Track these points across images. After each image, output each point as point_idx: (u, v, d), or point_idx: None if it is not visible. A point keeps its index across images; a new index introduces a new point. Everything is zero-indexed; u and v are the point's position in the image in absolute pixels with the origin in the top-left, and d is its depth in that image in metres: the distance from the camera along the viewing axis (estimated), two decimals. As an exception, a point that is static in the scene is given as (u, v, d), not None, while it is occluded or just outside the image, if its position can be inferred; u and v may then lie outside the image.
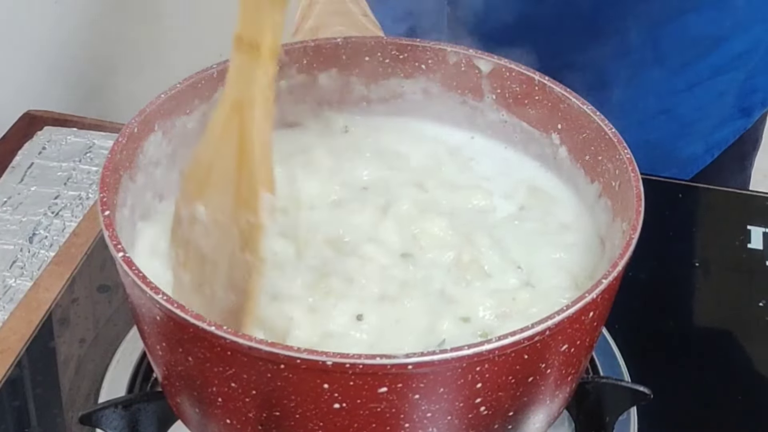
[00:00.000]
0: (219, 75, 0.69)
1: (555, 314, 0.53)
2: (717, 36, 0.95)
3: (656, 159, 0.94)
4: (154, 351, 0.59)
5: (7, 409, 0.72)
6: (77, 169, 0.95)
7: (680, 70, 0.96)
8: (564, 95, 0.70)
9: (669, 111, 0.97)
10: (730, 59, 0.97)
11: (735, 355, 0.79)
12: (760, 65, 0.99)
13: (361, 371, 0.50)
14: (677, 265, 0.86)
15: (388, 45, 0.74)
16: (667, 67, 0.95)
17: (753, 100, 1.01)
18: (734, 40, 0.96)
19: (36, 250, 0.86)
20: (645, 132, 0.93)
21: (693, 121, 0.99)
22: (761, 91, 1.01)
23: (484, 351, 0.51)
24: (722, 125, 1.01)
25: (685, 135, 0.98)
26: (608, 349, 0.75)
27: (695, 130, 0.99)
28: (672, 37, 0.93)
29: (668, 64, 0.95)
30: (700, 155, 1.01)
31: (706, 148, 1.01)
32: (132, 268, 0.55)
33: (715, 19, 0.93)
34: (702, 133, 1.00)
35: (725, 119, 1.01)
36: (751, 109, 1.02)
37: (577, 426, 0.69)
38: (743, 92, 1.00)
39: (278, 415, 0.54)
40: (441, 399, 0.53)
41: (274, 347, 0.50)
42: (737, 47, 0.97)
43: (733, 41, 0.96)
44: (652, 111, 0.91)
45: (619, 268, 0.57)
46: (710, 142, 1.01)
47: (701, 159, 1.01)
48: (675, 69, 0.96)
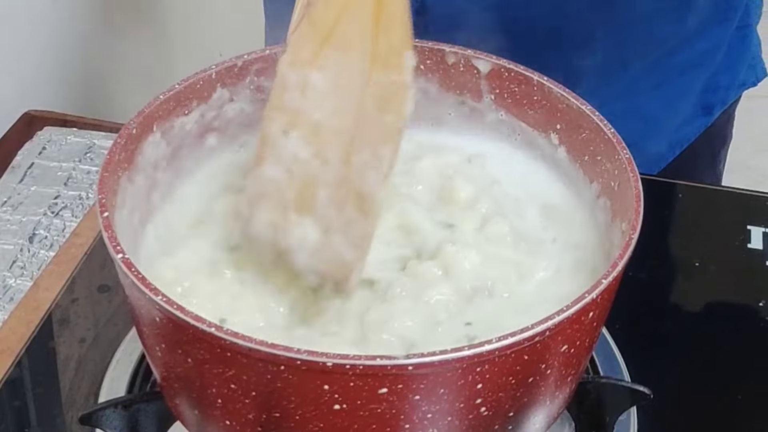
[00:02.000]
0: (218, 75, 0.69)
1: (555, 314, 0.53)
2: (681, 37, 0.96)
3: None
4: (153, 352, 0.59)
5: (7, 409, 0.72)
6: (77, 169, 0.95)
7: (646, 70, 0.97)
8: (563, 95, 0.70)
9: (635, 111, 0.98)
10: (694, 59, 0.98)
11: (735, 355, 0.79)
12: (722, 64, 1.01)
13: (361, 372, 0.50)
14: (677, 265, 0.86)
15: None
16: (632, 68, 0.96)
17: (714, 98, 1.03)
18: (697, 40, 0.97)
19: (36, 250, 0.86)
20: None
21: (658, 119, 1.00)
22: (722, 89, 1.03)
23: (484, 352, 0.51)
24: (685, 123, 1.03)
25: (650, 134, 0.99)
26: (608, 349, 0.75)
27: (660, 128, 1.01)
28: (637, 39, 0.94)
29: (634, 65, 0.96)
30: (664, 153, 1.03)
31: (670, 146, 1.03)
32: (131, 269, 0.55)
33: (679, 20, 0.94)
34: (666, 131, 1.02)
35: (688, 118, 1.03)
36: (712, 106, 1.03)
37: (577, 426, 0.69)
38: (706, 90, 1.02)
39: (278, 416, 0.54)
40: (441, 400, 0.53)
41: (274, 348, 0.50)
42: (700, 47, 0.98)
43: (696, 41, 0.97)
44: (619, 111, 0.92)
45: (619, 268, 0.57)
46: (673, 140, 1.03)
47: (664, 156, 1.03)
48: (641, 70, 0.97)
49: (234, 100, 0.71)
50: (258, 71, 0.71)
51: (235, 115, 0.72)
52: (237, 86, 0.71)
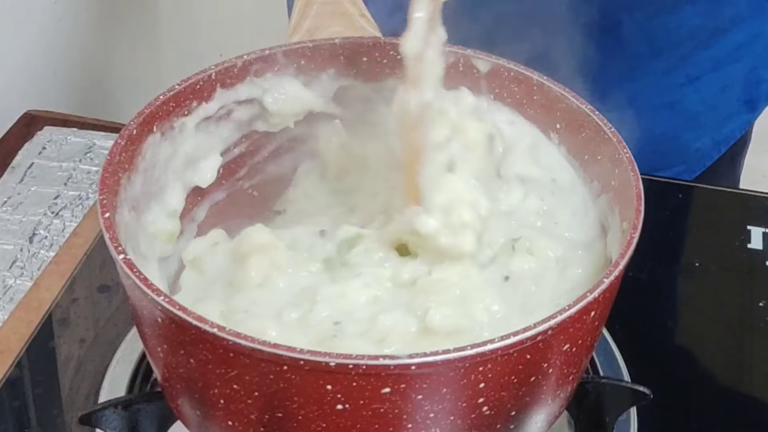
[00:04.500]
0: (218, 75, 0.69)
1: (557, 314, 0.53)
2: (715, 28, 0.94)
3: (665, 153, 0.94)
4: (154, 353, 0.59)
5: (7, 409, 0.72)
6: (77, 169, 0.95)
7: (679, 63, 0.95)
8: (562, 95, 0.69)
9: (672, 105, 0.96)
10: (731, 51, 0.96)
11: (735, 355, 0.79)
12: (763, 57, 0.99)
13: (364, 372, 0.50)
14: (677, 265, 0.86)
15: (386, 45, 0.73)
16: (664, 60, 0.95)
17: (758, 92, 1.01)
18: (734, 31, 0.95)
19: (36, 250, 0.86)
20: (649, 126, 0.92)
21: (697, 114, 0.98)
22: (765, 83, 1.00)
23: (486, 351, 0.51)
24: (728, 119, 1.01)
25: (690, 128, 0.97)
26: (608, 349, 0.75)
27: (701, 123, 0.99)
28: (667, 29, 0.93)
29: (665, 57, 0.95)
30: (708, 150, 1.01)
31: (714, 143, 1.01)
32: (133, 270, 0.54)
33: (712, 11, 0.93)
34: (708, 126, 0.99)
35: (731, 113, 1.00)
36: (756, 101, 1.01)
37: (577, 426, 0.69)
38: (747, 85, 0.99)
39: (281, 416, 0.54)
40: (444, 399, 0.53)
41: (277, 348, 0.50)
42: (737, 39, 0.96)
43: (732, 33, 0.95)
44: (653, 105, 0.91)
45: (620, 267, 0.57)
46: (717, 137, 1.01)
47: (709, 154, 1.01)
48: (673, 62, 0.95)
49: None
50: (258, 71, 0.71)
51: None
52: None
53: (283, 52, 0.72)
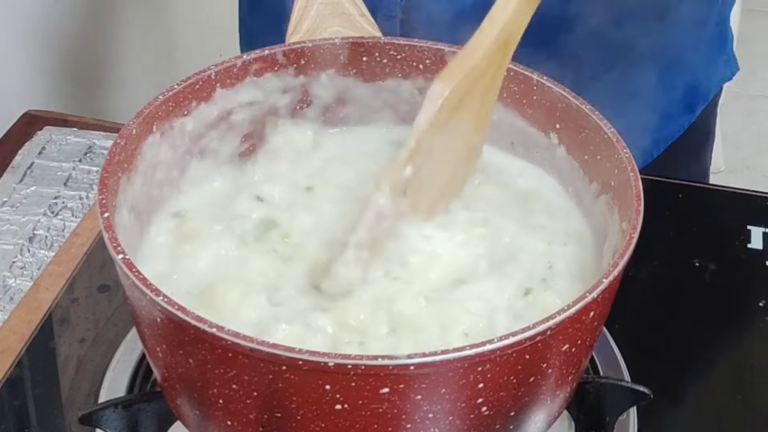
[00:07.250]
0: (217, 75, 0.69)
1: (556, 314, 0.53)
2: (662, 45, 0.96)
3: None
4: (153, 353, 0.59)
5: (7, 409, 0.72)
6: (77, 169, 0.95)
7: (626, 75, 0.96)
8: (562, 95, 0.69)
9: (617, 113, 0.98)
10: (676, 62, 0.98)
11: (735, 355, 0.79)
12: (701, 61, 1.01)
13: (362, 372, 0.50)
14: (677, 265, 0.86)
15: (385, 45, 0.74)
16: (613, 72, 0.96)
17: (696, 95, 1.03)
18: (679, 46, 0.97)
19: (36, 250, 0.86)
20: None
21: (640, 120, 1.00)
22: (703, 86, 1.03)
23: (486, 351, 0.51)
24: (669, 121, 1.02)
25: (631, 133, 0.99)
26: (608, 349, 0.75)
27: (643, 128, 1.00)
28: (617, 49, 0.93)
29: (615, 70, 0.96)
30: (648, 149, 1.03)
31: (654, 142, 1.03)
32: (132, 270, 0.55)
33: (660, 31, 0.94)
34: (649, 130, 1.01)
35: (672, 116, 1.02)
36: (695, 104, 1.03)
37: (577, 426, 0.69)
38: (687, 88, 1.02)
39: (279, 416, 0.54)
40: (443, 399, 0.53)
41: (276, 348, 0.50)
42: (680, 48, 0.98)
43: (678, 48, 0.97)
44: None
45: (620, 267, 0.57)
46: (657, 138, 1.03)
47: (649, 152, 1.03)
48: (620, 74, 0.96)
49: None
50: (258, 71, 0.71)
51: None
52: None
53: (283, 52, 0.72)
